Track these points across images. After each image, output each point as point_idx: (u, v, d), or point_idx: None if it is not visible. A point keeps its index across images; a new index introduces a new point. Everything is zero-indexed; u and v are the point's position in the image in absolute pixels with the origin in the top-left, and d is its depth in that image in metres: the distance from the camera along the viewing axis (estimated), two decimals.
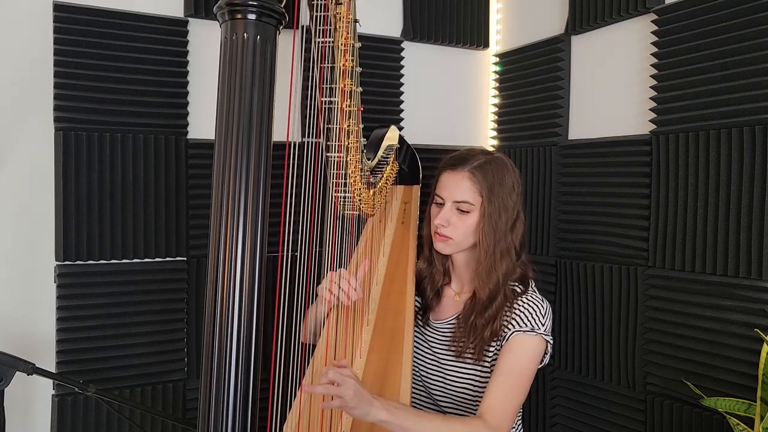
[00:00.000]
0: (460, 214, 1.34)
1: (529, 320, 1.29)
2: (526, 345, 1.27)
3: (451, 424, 1.18)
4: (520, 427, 1.44)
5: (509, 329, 1.29)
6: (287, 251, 0.97)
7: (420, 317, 1.46)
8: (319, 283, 1.31)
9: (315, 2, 0.98)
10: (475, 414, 1.28)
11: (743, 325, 1.38)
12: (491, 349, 1.32)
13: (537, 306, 1.31)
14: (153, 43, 1.69)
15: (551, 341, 1.31)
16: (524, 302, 1.32)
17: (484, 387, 1.30)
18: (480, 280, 1.33)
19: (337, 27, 1.03)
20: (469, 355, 1.34)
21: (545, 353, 1.31)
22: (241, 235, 0.71)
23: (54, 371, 1.56)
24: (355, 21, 1.05)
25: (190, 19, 1.75)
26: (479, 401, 1.31)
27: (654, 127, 1.60)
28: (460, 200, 1.33)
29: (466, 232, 1.34)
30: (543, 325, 1.29)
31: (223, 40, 0.70)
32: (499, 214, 1.32)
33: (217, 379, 0.71)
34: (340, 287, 1.27)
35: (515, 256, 1.36)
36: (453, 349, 1.36)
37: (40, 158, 1.60)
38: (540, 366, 1.32)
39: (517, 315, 1.30)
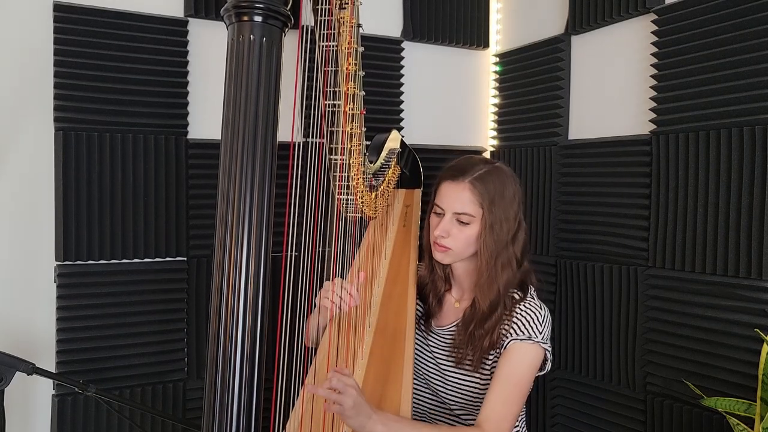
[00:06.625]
0: (460, 225, 1.32)
1: (526, 328, 1.28)
2: (523, 353, 1.26)
3: None
4: (524, 426, 1.44)
5: (507, 337, 1.28)
6: (290, 251, 0.97)
7: (422, 323, 1.45)
8: (321, 284, 1.30)
9: (319, 7, 0.98)
10: None
11: (743, 325, 1.38)
12: (490, 357, 1.32)
13: (535, 314, 1.30)
14: (153, 43, 1.68)
15: (549, 349, 1.30)
16: (523, 309, 1.31)
17: (484, 393, 1.29)
18: (481, 291, 1.32)
19: (341, 31, 1.03)
20: (468, 363, 1.33)
21: (545, 360, 1.30)
22: (246, 234, 0.71)
23: (54, 371, 1.56)
24: (359, 26, 1.05)
25: (190, 19, 1.74)
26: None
27: (654, 127, 1.60)
28: (461, 212, 1.31)
29: (466, 242, 1.33)
30: (541, 333, 1.28)
31: (229, 42, 0.71)
32: (501, 226, 1.30)
33: (222, 377, 0.71)
34: (340, 297, 1.26)
35: (516, 266, 1.34)
36: (453, 356, 1.36)
37: (40, 158, 1.60)
38: (542, 373, 1.31)
39: (515, 322, 1.29)
